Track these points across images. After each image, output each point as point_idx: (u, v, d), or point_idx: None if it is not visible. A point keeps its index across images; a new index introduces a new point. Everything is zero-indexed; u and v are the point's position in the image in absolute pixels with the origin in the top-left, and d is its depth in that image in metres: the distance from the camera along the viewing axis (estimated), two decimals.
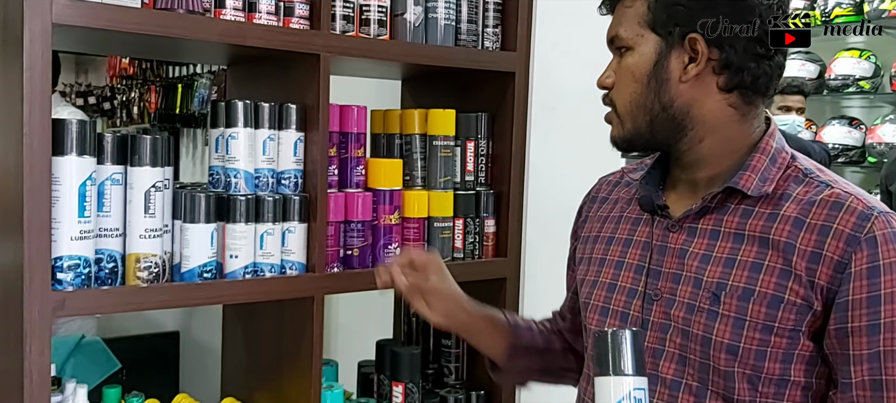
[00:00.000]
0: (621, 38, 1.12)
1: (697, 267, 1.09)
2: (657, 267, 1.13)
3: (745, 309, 1.04)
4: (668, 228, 1.14)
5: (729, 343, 1.04)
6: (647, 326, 1.12)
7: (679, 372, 1.09)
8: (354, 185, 1.59)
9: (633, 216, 1.21)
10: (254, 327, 1.69)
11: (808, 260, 1.02)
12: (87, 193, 1.27)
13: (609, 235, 1.23)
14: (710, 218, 1.11)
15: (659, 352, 1.11)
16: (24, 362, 1.22)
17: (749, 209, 1.08)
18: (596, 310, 1.19)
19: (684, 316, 1.09)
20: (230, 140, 1.44)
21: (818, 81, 4.88)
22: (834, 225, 1.01)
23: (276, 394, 1.62)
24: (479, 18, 1.69)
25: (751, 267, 1.05)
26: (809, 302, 1.02)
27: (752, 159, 1.10)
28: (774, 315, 1.02)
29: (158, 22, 1.30)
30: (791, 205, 1.06)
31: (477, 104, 1.76)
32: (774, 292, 1.03)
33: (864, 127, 4.79)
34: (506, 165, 1.75)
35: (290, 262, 1.49)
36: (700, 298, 1.08)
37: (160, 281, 1.36)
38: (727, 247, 1.08)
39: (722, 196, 1.10)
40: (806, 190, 1.07)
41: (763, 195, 1.08)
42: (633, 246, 1.18)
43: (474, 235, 1.73)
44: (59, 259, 1.25)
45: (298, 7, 1.45)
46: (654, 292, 1.13)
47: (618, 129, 1.15)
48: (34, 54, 1.19)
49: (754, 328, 1.03)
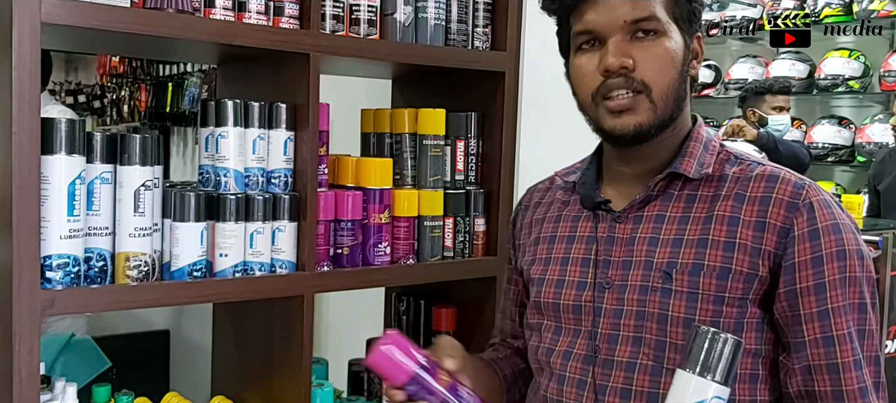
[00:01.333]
0: (659, 21, 1.10)
1: (647, 250, 1.15)
2: (606, 258, 1.18)
3: (697, 282, 1.10)
4: (615, 220, 1.18)
5: (684, 317, 1.10)
6: (600, 314, 1.16)
7: (634, 354, 1.13)
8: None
9: (573, 214, 1.26)
10: (244, 326, 1.69)
11: (753, 229, 1.09)
12: (76, 192, 1.27)
13: (550, 234, 1.27)
14: (654, 205, 1.17)
15: (614, 337, 1.15)
16: (13, 361, 1.22)
17: (692, 193, 1.15)
18: (548, 307, 1.22)
19: (638, 297, 1.13)
20: (220, 139, 1.44)
21: (808, 81, 4.92)
22: (773, 195, 1.10)
23: (267, 392, 1.62)
24: (468, 18, 1.70)
25: (697, 243, 1.11)
26: (756, 269, 1.08)
27: (687, 147, 1.17)
28: (724, 286, 1.08)
29: (148, 21, 1.30)
30: (730, 184, 1.14)
31: (467, 103, 1.76)
32: (722, 264, 1.09)
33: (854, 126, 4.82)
34: (496, 164, 1.75)
35: (280, 261, 1.49)
36: (652, 278, 1.13)
37: (150, 280, 1.36)
38: (673, 229, 1.14)
39: (664, 183, 1.16)
40: (740, 169, 1.15)
41: (703, 177, 1.14)
42: (577, 242, 1.22)
43: (464, 234, 1.74)
44: (48, 257, 1.25)
45: (288, 7, 1.45)
46: (606, 281, 1.17)
47: (648, 115, 1.11)
48: (23, 53, 1.19)
49: (707, 300, 1.09)
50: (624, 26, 1.09)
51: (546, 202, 1.32)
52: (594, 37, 1.12)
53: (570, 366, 1.19)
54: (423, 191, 1.68)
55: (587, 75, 1.13)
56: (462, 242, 1.74)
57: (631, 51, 1.09)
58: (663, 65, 1.10)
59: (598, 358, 1.16)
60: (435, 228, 1.69)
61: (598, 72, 1.11)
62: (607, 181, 1.24)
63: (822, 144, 4.82)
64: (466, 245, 1.75)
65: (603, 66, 1.10)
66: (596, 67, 1.11)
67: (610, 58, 1.09)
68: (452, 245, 1.73)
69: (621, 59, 1.09)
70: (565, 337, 1.20)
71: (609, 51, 1.09)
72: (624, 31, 1.10)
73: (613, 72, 1.09)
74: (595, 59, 1.12)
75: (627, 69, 1.09)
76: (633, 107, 1.10)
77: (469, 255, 1.75)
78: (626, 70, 1.09)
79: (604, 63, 1.10)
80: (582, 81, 1.15)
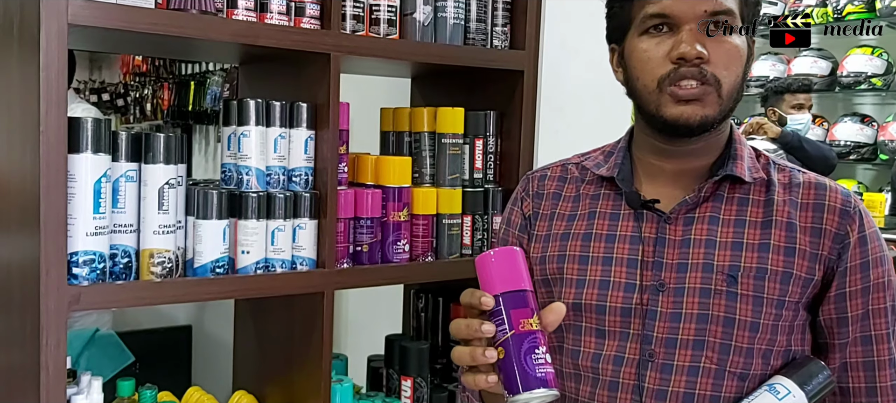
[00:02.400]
0: (734, 16, 1.09)
1: (704, 253, 1.12)
2: (658, 259, 1.14)
3: (762, 286, 1.10)
4: (664, 221, 1.15)
5: (751, 321, 1.10)
6: (656, 317, 1.12)
7: (696, 357, 1.11)
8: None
9: (609, 211, 1.20)
10: (265, 321, 1.72)
11: (810, 235, 1.12)
12: (102, 190, 1.30)
13: (584, 231, 1.20)
14: (705, 207, 1.15)
15: (672, 341, 1.11)
16: (41, 355, 1.25)
17: (744, 197, 1.15)
18: (590, 310, 1.16)
19: (700, 300, 1.11)
20: (242, 138, 1.46)
21: (830, 78, 4.88)
22: (826, 202, 1.13)
23: (287, 388, 1.64)
24: (488, 17, 1.71)
25: (759, 247, 1.12)
26: (812, 274, 1.11)
27: (736, 150, 1.17)
28: (786, 290, 1.10)
29: (172, 22, 1.32)
30: (780, 190, 1.15)
31: (486, 102, 1.77)
32: (784, 269, 1.11)
33: (876, 124, 4.78)
34: (514, 163, 1.76)
35: (301, 258, 1.51)
36: (715, 282, 1.11)
37: (173, 277, 1.39)
38: (730, 232, 1.13)
39: (713, 185, 1.14)
40: (783, 175, 1.17)
41: (754, 181, 1.15)
42: (620, 241, 1.17)
43: (483, 232, 1.75)
44: (74, 254, 1.28)
45: (309, 7, 1.47)
46: (659, 283, 1.13)
47: (715, 109, 1.09)
48: (50, 54, 1.21)
49: (770, 303, 1.10)
50: (702, 16, 1.07)
51: (568, 195, 1.25)
52: (668, 22, 1.09)
53: (623, 372, 1.13)
54: (441, 189, 1.69)
55: (654, 60, 1.10)
56: (480, 240, 1.75)
57: (705, 42, 1.07)
58: (734, 61, 1.09)
59: (654, 363, 1.12)
60: (453, 226, 1.70)
61: (669, 58, 1.08)
62: (644, 178, 1.20)
63: (844, 142, 4.78)
64: (485, 242, 1.76)
65: (677, 53, 1.07)
66: (666, 54, 1.08)
67: (687, 46, 1.06)
68: (471, 242, 1.74)
69: (698, 49, 1.06)
70: (611, 341, 1.15)
71: (685, 39, 1.07)
72: (701, 20, 1.08)
73: (688, 61, 1.07)
74: (665, 45, 1.09)
75: (702, 59, 1.07)
76: (702, 97, 1.08)
77: None
78: (701, 60, 1.07)
79: (679, 50, 1.07)
80: (647, 66, 1.11)
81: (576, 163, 1.28)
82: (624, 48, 1.15)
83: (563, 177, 1.28)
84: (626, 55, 1.15)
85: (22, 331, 1.33)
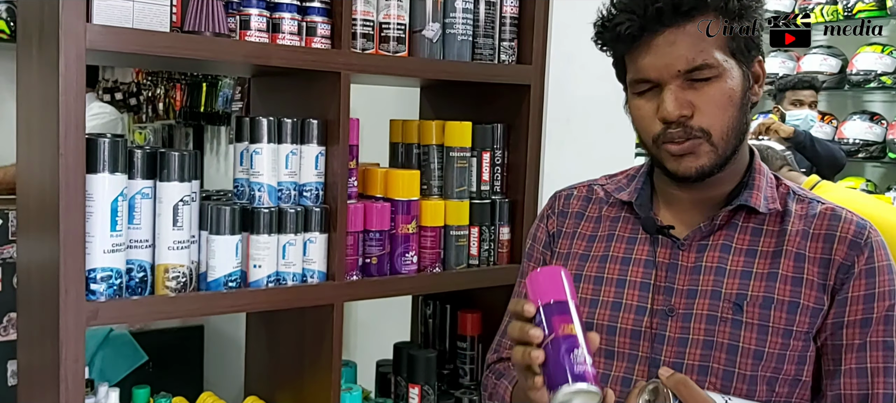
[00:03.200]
0: (712, 66, 1.09)
1: (714, 280, 1.15)
2: (669, 285, 1.17)
3: (768, 316, 1.12)
4: (677, 247, 1.18)
5: (755, 349, 1.12)
6: (664, 341, 1.16)
7: (700, 383, 1.13)
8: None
9: (627, 235, 1.24)
10: (277, 330, 1.76)
11: (819, 266, 1.13)
12: (118, 208, 1.33)
13: (602, 253, 1.24)
14: (719, 235, 1.17)
15: (678, 365, 1.15)
16: (60, 368, 1.29)
17: (758, 227, 1.17)
18: (602, 329, 1.20)
19: (706, 327, 1.14)
20: (254, 155, 1.49)
21: (839, 76, 4.87)
22: (837, 233, 1.14)
23: (298, 394, 1.68)
24: (495, 33, 1.74)
25: (767, 277, 1.13)
26: (821, 303, 1.12)
27: (753, 179, 1.18)
28: (793, 319, 1.12)
29: (187, 45, 1.35)
30: (795, 220, 1.16)
31: (493, 114, 1.80)
32: (791, 298, 1.12)
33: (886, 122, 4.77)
34: (520, 175, 1.79)
35: (311, 271, 1.55)
36: (721, 309, 1.14)
37: (187, 291, 1.42)
38: (741, 261, 1.15)
39: (728, 213, 1.16)
40: (801, 206, 1.18)
41: (770, 212, 1.16)
42: (634, 264, 1.21)
43: (490, 242, 1.78)
44: (92, 271, 1.32)
45: (320, 27, 1.50)
46: (669, 308, 1.16)
47: (709, 158, 1.12)
48: (69, 78, 1.25)
49: (776, 333, 1.12)
50: (677, 75, 1.09)
51: (591, 216, 1.30)
52: (652, 83, 1.12)
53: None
54: (449, 201, 1.72)
55: (646, 118, 1.13)
56: (487, 250, 1.78)
57: (688, 96, 1.09)
58: (721, 107, 1.10)
59: None
60: (461, 237, 1.74)
61: (657, 118, 1.11)
62: (663, 204, 1.23)
63: (853, 140, 4.77)
64: (491, 253, 1.79)
65: (660, 115, 1.10)
66: (655, 113, 1.11)
67: (667, 108, 1.09)
68: (478, 253, 1.77)
69: (679, 110, 1.09)
70: (620, 363, 1.19)
71: (665, 100, 1.09)
72: (680, 77, 1.09)
73: (672, 121, 1.10)
74: (654, 104, 1.12)
75: (685, 117, 1.09)
76: (693, 150, 1.11)
77: (494, 263, 1.80)
78: (685, 118, 1.09)
79: (661, 112, 1.10)
80: (642, 124, 1.15)
81: (601, 185, 1.32)
82: (627, 102, 1.19)
83: (588, 197, 1.32)
84: (629, 110, 1.19)
85: (42, 339, 1.38)
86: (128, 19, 1.30)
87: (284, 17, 1.47)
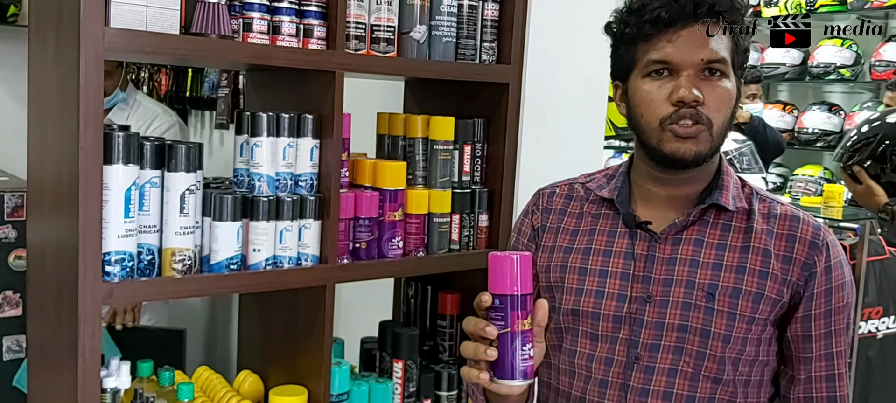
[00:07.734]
0: (726, 63, 1.23)
1: (688, 271, 1.29)
2: (647, 274, 1.31)
3: (736, 304, 1.27)
4: (654, 240, 1.32)
5: (724, 333, 1.27)
6: (642, 325, 1.30)
7: (675, 361, 1.29)
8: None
9: (607, 228, 1.37)
10: (270, 310, 1.87)
11: (782, 262, 1.28)
12: (131, 196, 1.44)
13: (585, 246, 1.37)
14: (692, 230, 1.32)
15: (655, 346, 1.30)
16: (79, 343, 1.40)
17: (727, 223, 1.31)
18: (587, 315, 1.33)
19: (681, 313, 1.29)
20: (255, 147, 1.61)
21: (801, 68, 5.06)
22: (798, 234, 1.29)
23: (290, 369, 1.80)
24: (477, 34, 1.85)
25: (736, 269, 1.28)
26: (781, 296, 1.28)
27: (722, 180, 1.32)
28: (757, 308, 1.27)
29: (195, 47, 1.46)
30: (759, 219, 1.30)
31: (474, 109, 1.93)
32: (757, 290, 1.27)
33: (844, 113, 4.97)
34: (499, 166, 1.92)
35: (306, 255, 1.67)
36: (695, 297, 1.28)
37: (192, 273, 1.54)
38: (712, 254, 1.30)
39: (700, 210, 1.30)
40: (764, 205, 1.33)
41: (737, 210, 1.30)
42: (615, 256, 1.34)
43: (469, 229, 1.91)
44: (107, 254, 1.43)
45: (317, 29, 1.61)
46: (647, 295, 1.30)
47: (707, 146, 1.24)
48: (89, 77, 1.35)
49: (742, 319, 1.27)
50: (699, 64, 1.21)
51: (573, 212, 1.41)
52: (669, 67, 1.22)
53: (612, 371, 1.31)
54: (433, 190, 1.85)
55: (657, 101, 1.23)
56: (467, 236, 1.91)
57: (700, 86, 1.21)
58: (724, 103, 1.24)
59: (639, 365, 1.29)
60: (443, 224, 1.86)
61: (670, 101, 1.22)
62: (640, 201, 1.35)
63: (812, 130, 4.96)
64: (471, 238, 1.92)
65: (677, 97, 1.21)
66: (667, 97, 1.22)
67: (686, 91, 1.20)
68: (458, 238, 1.90)
69: (696, 94, 1.20)
70: (603, 344, 1.32)
71: (684, 84, 1.21)
72: (698, 68, 1.21)
73: (686, 104, 1.21)
74: (666, 88, 1.23)
75: (698, 102, 1.21)
76: (697, 136, 1.23)
77: (473, 248, 1.93)
78: (697, 103, 1.21)
79: (679, 95, 1.21)
80: (650, 106, 1.24)
81: (582, 183, 1.44)
82: (628, 86, 1.30)
83: (569, 194, 1.44)
84: (630, 93, 1.29)
85: (59, 318, 1.49)
86: (141, 22, 1.40)
87: (284, 19, 1.58)
